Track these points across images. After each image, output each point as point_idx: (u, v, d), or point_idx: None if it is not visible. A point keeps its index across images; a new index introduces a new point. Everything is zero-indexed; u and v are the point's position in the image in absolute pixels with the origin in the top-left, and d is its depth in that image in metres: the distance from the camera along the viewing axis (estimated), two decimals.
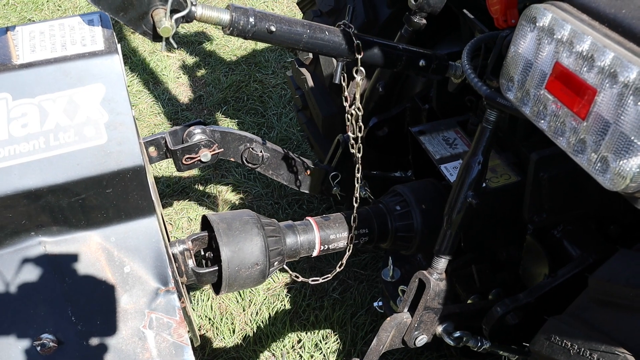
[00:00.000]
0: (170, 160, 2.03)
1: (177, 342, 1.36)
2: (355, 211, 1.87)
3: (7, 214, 1.37)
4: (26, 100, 1.39)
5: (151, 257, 1.47)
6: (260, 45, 4.35)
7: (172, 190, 3.34)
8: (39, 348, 1.30)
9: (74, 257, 1.43)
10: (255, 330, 2.68)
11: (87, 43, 1.47)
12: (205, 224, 1.81)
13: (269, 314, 2.73)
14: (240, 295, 2.81)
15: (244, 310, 2.76)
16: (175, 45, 1.58)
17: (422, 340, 1.70)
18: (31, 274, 1.38)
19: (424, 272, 1.68)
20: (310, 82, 2.70)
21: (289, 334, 2.66)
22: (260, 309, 2.76)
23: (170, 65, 4.26)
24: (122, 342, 1.35)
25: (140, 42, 4.45)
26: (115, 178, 1.42)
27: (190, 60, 4.31)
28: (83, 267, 1.42)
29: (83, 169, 1.39)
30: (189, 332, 1.45)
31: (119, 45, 1.50)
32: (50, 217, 1.41)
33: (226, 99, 3.91)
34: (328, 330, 2.67)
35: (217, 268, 1.72)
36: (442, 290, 1.65)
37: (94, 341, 1.34)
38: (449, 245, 1.67)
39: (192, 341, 1.40)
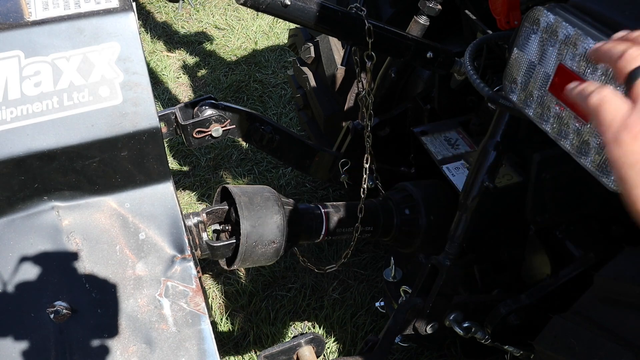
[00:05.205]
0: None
1: (194, 311, 1.32)
2: (362, 202, 1.86)
3: (19, 176, 1.32)
4: (39, 58, 1.35)
5: (167, 224, 1.43)
6: (260, 45, 4.35)
7: None
8: (52, 315, 1.26)
9: (87, 223, 1.39)
10: (255, 330, 2.68)
11: (101, 0, 1.43)
12: (225, 196, 1.78)
13: (269, 314, 2.73)
14: (241, 295, 2.81)
15: (244, 310, 2.76)
16: (192, 4, 1.54)
17: (433, 327, 1.69)
18: (44, 239, 1.34)
19: (438, 257, 1.66)
20: (312, 81, 2.70)
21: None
22: (260, 309, 2.76)
23: (170, 65, 4.25)
24: (137, 311, 1.31)
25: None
26: (131, 140, 1.38)
27: (190, 60, 4.30)
28: (97, 234, 1.38)
29: (98, 130, 1.35)
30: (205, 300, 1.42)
31: (133, 3, 1.46)
32: (63, 180, 1.37)
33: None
34: (328, 330, 2.67)
35: (233, 241, 1.70)
36: (455, 276, 1.63)
37: (109, 309, 1.30)
38: (463, 230, 1.65)
39: (208, 311, 1.37)
